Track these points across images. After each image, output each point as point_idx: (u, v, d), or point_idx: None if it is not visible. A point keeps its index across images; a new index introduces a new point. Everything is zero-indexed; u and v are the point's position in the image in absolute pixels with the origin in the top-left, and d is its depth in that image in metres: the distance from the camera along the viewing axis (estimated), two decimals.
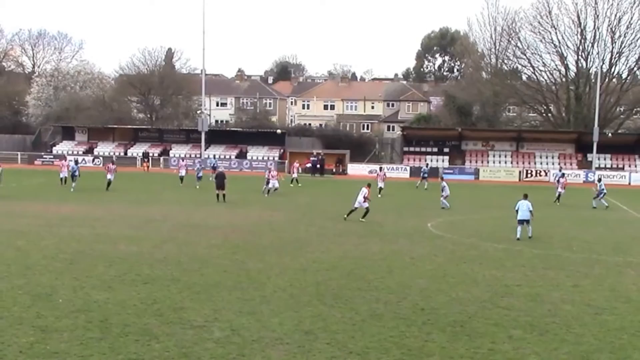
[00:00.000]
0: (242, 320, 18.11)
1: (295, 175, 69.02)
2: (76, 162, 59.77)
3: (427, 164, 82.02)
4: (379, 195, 53.71)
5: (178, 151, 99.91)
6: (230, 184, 53.87)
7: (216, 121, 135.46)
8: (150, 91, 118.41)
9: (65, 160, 60.13)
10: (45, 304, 19.13)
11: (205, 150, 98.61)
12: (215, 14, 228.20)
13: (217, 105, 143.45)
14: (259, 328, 17.44)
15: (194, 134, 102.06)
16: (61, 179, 59.33)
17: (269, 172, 57.68)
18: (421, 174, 72.05)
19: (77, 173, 56.01)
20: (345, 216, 39.98)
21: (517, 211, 34.74)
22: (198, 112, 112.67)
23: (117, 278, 22.74)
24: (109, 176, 56.48)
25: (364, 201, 39.87)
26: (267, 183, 55.87)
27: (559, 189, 56.78)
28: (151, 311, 18.75)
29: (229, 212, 43.06)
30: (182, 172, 65.20)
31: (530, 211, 34.38)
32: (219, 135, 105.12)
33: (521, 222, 34.42)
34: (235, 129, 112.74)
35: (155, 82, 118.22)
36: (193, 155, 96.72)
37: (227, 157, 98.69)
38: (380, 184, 58.28)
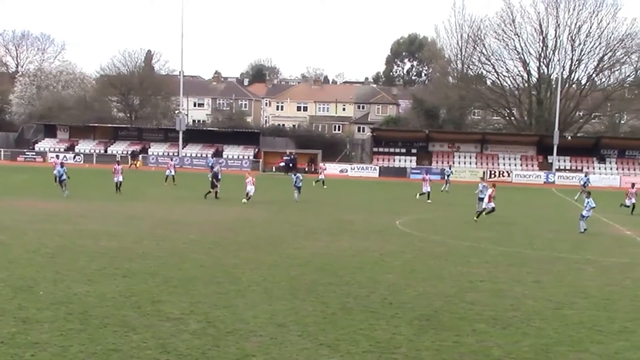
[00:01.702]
0: (218, 313, 18.04)
1: (322, 176, 67.55)
2: (62, 164, 51.81)
3: (450, 166, 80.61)
4: (429, 201, 52.32)
5: (156, 149, 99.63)
6: (206, 181, 53.63)
7: (193, 121, 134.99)
8: (130, 91, 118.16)
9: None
10: (26, 296, 18.95)
11: (182, 148, 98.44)
12: (193, 18, 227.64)
13: (195, 105, 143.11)
14: (233, 320, 17.38)
15: (172, 133, 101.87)
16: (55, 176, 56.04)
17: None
18: (445, 177, 69.84)
19: (64, 177, 48.97)
20: (475, 218, 40.74)
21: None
22: (176, 112, 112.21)
23: (97, 272, 22.58)
24: (117, 178, 52.34)
25: (489, 201, 40.12)
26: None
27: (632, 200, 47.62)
28: (130, 304, 18.63)
29: (207, 209, 42.92)
30: (172, 172, 63.83)
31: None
32: (196, 135, 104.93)
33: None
34: (212, 128, 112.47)
35: (135, 82, 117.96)
36: (171, 153, 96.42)
37: (204, 155, 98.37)
38: (427, 188, 55.45)
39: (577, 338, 17.14)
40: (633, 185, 43.71)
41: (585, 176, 66.53)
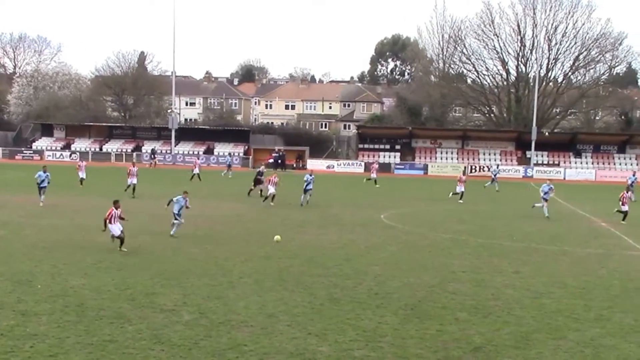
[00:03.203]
0: (210, 304, 18.03)
1: (374, 175, 65.65)
2: (44, 169, 42.02)
3: (498, 165, 79.17)
4: (460, 201, 49.48)
5: (150, 147, 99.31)
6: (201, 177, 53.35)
7: (185, 119, 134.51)
8: (124, 91, 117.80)
9: (82, 162, 51.76)
10: (25, 290, 18.91)
11: (175, 146, 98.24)
12: (185, 20, 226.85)
13: (186, 104, 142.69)
14: (225, 311, 17.38)
15: (165, 131, 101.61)
16: (81, 179, 53.29)
17: (270, 179, 44.68)
18: (492, 175, 66.04)
19: (45, 183, 40.75)
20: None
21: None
22: (168, 111, 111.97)
23: (93, 265, 22.54)
24: (132, 180, 47.35)
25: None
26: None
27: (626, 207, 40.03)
28: (125, 296, 18.61)
29: (200, 204, 42.72)
30: (196, 170, 62.97)
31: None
32: (188, 133, 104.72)
33: None
34: (203, 126, 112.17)
35: (128, 83, 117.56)
36: (164, 151, 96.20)
37: (196, 152, 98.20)
38: (461, 188, 50.88)
39: (555, 326, 17.20)
40: (628, 189, 41.70)
41: (634, 175, 61.01)
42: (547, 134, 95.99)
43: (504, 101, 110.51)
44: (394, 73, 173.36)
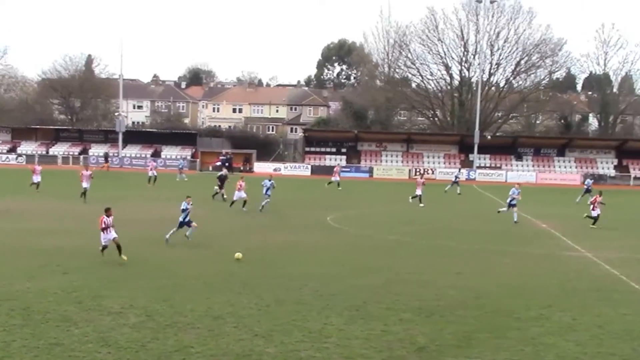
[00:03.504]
0: (157, 306, 17.94)
1: (337, 178, 64.94)
2: None
3: (460, 169, 78.67)
4: (421, 204, 48.39)
5: (97, 150, 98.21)
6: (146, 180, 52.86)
7: (133, 123, 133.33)
8: (71, 94, 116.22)
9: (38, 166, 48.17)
10: None
11: (122, 149, 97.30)
12: (132, 23, 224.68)
13: (134, 107, 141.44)
14: (172, 314, 17.31)
15: (112, 134, 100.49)
16: (37, 183, 50.60)
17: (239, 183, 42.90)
18: (453, 179, 65.08)
19: None
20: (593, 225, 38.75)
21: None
22: (116, 114, 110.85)
23: (38, 269, 22.27)
24: (84, 184, 45.22)
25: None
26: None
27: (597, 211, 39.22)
28: (71, 299, 18.43)
29: (147, 207, 42.51)
30: (153, 173, 61.47)
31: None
32: (135, 136, 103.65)
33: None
34: (151, 129, 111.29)
35: (75, 86, 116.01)
36: (111, 154, 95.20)
37: (143, 155, 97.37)
38: (419, 191, 49.46)
39: (496, 325, 17.42)
40: (601, 193, 40.86)
41: (591, 179, 61.89)
42: (489, 137, 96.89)
43: (448, 105, 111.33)
44: (340, 77, 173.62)
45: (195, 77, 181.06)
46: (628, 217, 46.07)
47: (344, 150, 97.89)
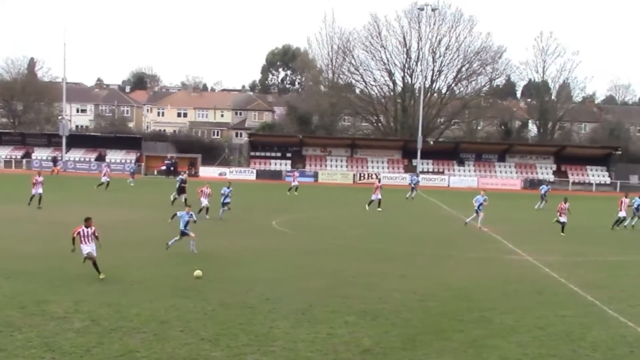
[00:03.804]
0: (102, 311, 17.71)
1: (295, 183, 64.24)
2: None
3: (418, 173, 77.93)
4: (379, 209, 48.11)
5: (40, 154, 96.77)
6: (92, 184, 52.12)
7: (76, 126, 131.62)
8: (13, 98, 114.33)
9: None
10: None
11: (66, 153, 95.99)
12: (76, 26, 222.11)
13: (77, 111, 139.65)
14: (117, 318, 17.09)
15: (55, 138, 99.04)
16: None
17: (202, 190, 41.99)
18: (411, 184, 64.33)
19: None
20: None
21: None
22: (59, 117, 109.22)
23: None
24: (36, 190, 43.19)
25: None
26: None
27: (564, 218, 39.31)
28: (14, 304, 18.08)
29: (89, 212, 41.83)
30: (106, 178, 60.03)
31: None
32: (79, 140, 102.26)
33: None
34: (95, 133, 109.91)
35: (18, 89, 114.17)
36: (59, 158, 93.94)
37: (87, 159, 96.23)
38: (377, 196, 49.14)
39: (440, 327, 17.52)
40: (566, 200, 39.86)
41: (547, 185, 61.20)
42: (432, 142, 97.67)
43: (391, 111, 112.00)
44: (285, 82, 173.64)
45: (140, 81, 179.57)
46: (567, 221, 46.71)
47: (289, 155, 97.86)
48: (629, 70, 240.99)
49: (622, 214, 41.39)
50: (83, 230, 22.03)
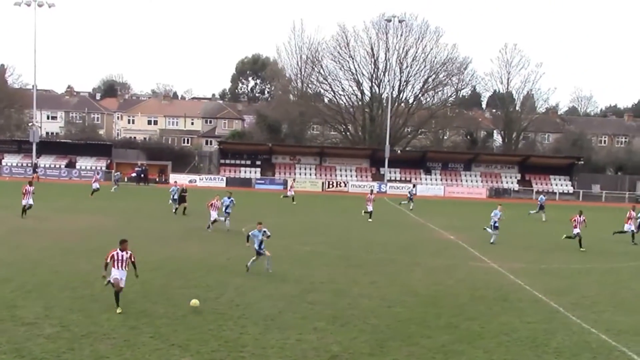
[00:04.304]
0: (72, 317, 17.54)
1: (291, 193, 64.68)
2: None
3: (414, 185, 77.33)
4: (370, 220, 47.27)
5: (10, 160, 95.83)
6: (62, 191, 51.61)
7: (47, 133, 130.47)
8: None
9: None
10: None
11: (36, 159, 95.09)
12: (47, 33, 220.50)
13: (48, 118, 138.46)
14: (88, 324, 16.94)
15: (26, 144, 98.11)
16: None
17: (212, 204, 39.38)
18: (408, 195, 63.43)
19: None
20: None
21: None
22: (29, 124, 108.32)
23: None
24: (27, 200, 41.33)
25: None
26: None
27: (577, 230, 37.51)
28: None
29: (59, 218, 41.52)
30: (97, 185, 59.85)
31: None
32: (49, 146, 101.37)
33: None
34: (65, 140, 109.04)
35: None
36: (24, 164, 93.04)
37: (57, 166, 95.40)
38: (370, 207, 48.17)
39: (408, 333, 17.55)
40: (581, 212, 37.62)
41: (544, 196, 61.38)
42: (399, 151, 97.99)
43: (359, 120, 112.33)
44: (254, 91, 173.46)
45: (110, 89, 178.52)
46: (530, 229, 47.13)
47: (258, 162, 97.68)
48: (591, 82, 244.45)
49: (628, 227, 40.42)
50: (117, 254, 19.44)
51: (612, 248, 37.88)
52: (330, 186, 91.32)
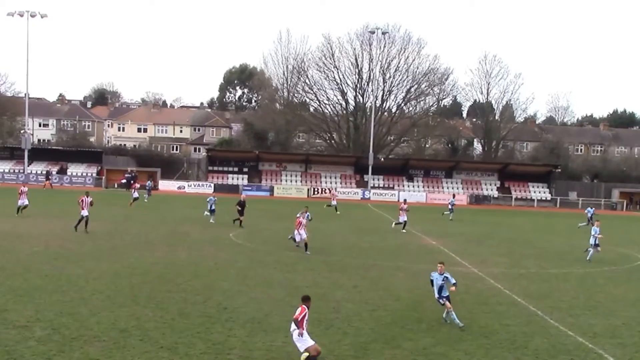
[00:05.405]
0: (63, 320, 17.44)
1: (334, 202, 64.17)
2: None
3: (454, 195, 75.54)
4: (403, 230, 45.99)
5: (2, 167, 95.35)
6: (54, 196, 51.32)
7: (39, 140, 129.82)
8: None
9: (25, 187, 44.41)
10: None
11: (28, 166, 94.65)
12: (39, 42, 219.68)
13: (40, 125, 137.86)
14: (78, 327, 16.84)
15: (18, 151, 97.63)
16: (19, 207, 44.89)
17: (299, 220, 34.41)
18: (449, 206, 61.06)
19: None
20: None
21: None
22: (21, 131, 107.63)
23: None
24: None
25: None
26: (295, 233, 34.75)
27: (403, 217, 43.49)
28: None
29: (49, 223, 41.30)
30: (136, 194, 59.82)
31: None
32: (41, 153, 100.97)
33: None
34: (57, 147, 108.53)
35: None
36: (16, 171, 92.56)
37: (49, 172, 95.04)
38: (404, 217, 46.66)
39: (390, 336, 17.55)
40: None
41: (592, 209, 59.59)
42: (382, 159, 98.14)
43: (344, 128, 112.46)
44: (242, 100, 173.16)
45: (101, 97, 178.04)
46: (510, 235, 47.28)
47: (245, 169, 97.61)
48: (568, 92, 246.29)
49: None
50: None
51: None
52: (316, 192, 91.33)
